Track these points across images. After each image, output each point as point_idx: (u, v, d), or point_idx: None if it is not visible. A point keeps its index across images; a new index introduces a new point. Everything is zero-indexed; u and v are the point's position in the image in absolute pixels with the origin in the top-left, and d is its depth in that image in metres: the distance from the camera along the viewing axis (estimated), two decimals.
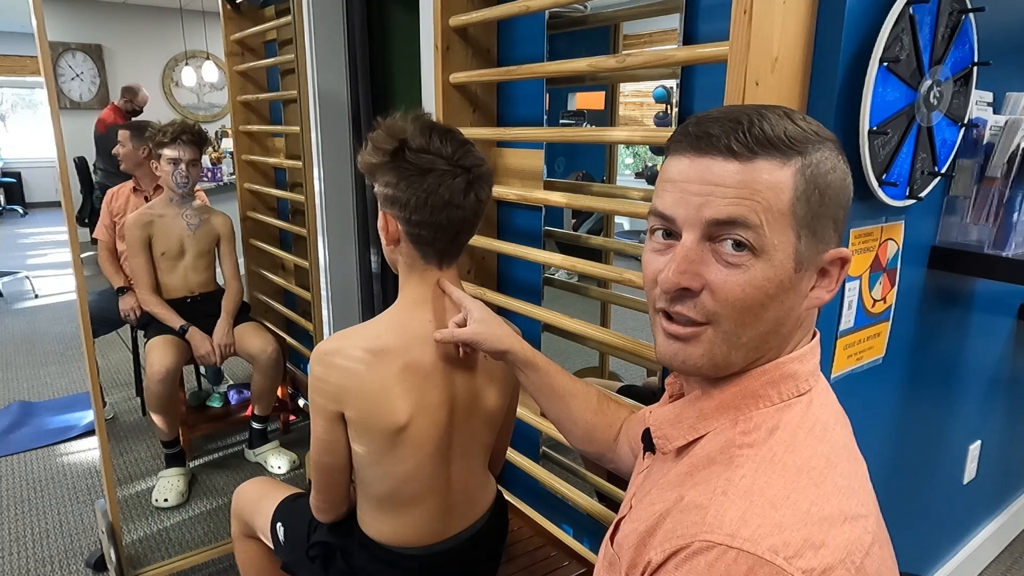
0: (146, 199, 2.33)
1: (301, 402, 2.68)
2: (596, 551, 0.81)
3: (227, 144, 2.86)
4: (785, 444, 0.59)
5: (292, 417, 2.68)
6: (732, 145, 0.57)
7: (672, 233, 0.62)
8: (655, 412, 0.70)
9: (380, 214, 1.03)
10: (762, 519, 0.53)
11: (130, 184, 2.38)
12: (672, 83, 1.30)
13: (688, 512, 0.57)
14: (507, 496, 1.50)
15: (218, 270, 2.34)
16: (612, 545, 0.71)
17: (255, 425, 2.43)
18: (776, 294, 0.59)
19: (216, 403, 2.63)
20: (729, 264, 0.58)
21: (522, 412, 1.55)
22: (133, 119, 2.74)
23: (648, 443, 0.74)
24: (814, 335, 0.68)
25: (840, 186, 0.61)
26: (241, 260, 2.41)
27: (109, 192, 2.39)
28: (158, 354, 2.12)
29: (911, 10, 1.06)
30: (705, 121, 0.60)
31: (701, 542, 0.53)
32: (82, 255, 1.60)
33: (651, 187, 1.00)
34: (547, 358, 1.01)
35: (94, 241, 2.42)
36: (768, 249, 0.57)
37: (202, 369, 2.73)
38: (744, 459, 0.58)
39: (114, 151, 2.32)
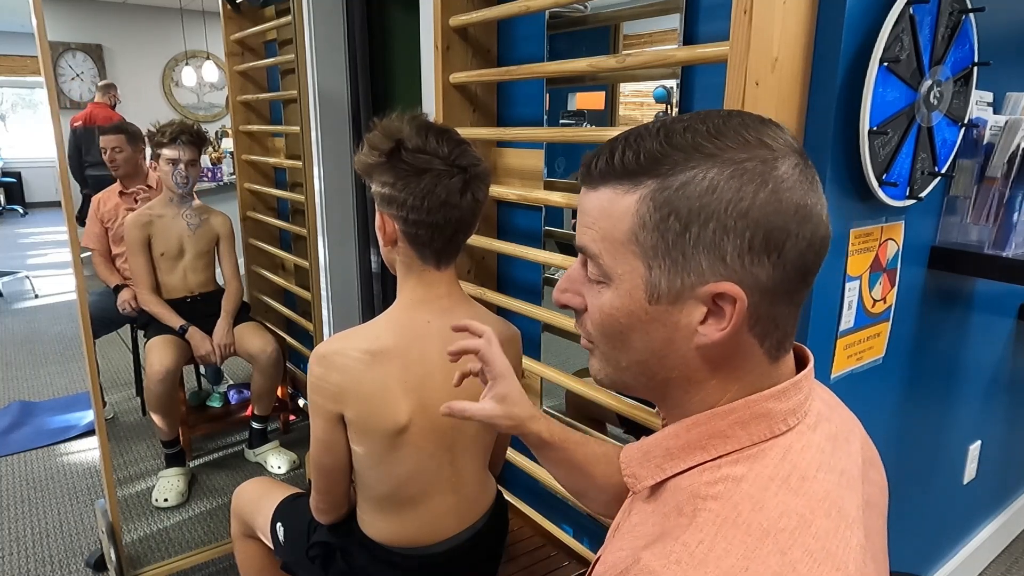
0: (136, 201, 2.32)
1: (301, 402, 2.68)
2: (596, 551, 0.81)
3: (227, 144, 2.86)
4: (752, 500, 0.52)
5: (292, 417, 2.69)
6: (585, 176, 0.57)
7: None
8: (625, 449, 0.66)
9: (377, 215, 1.03)
10: None
11: (115, 188, 2.36)
12: (672, 83, 1.30)
13: None
14: (507, 496, 1.50)
15: (218, 270, 2.34)
16: None
17: (255, 425, 2.43)
18: (630, 324, 0.56)
19: (216, 403, 2.63)
20: (593, 288, 0.59)
21: None
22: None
23: None
24: (805, 362, 0.61)
25: (724, 210, 0.51)
26: (241, 260, 2.41)
27: (95, 199, 2.37)
28: (158, 354, 2.12)
29: (911, 10, 1.06)
30: (595, 150, 0.59)
31: None
32: (82, 255, 1.60)
33: None
34: (565, 428, 0.94)
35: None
36: (614, 277, 0.56)
37: (202, 369, 2.73)
38: (705, 517, 0.53)
39: (107, 158, 2.31)
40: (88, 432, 2.76)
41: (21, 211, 7.97)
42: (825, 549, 0.51)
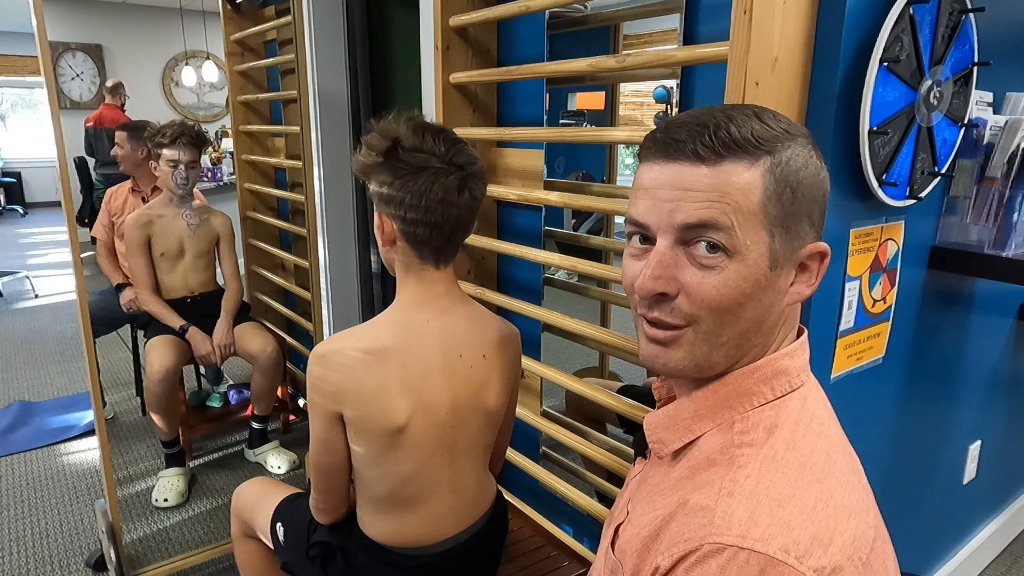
0: (143, 200, 2.33)
1: (301, 402, 2.68)
2: (596, 551, 0.81)
3: (227, 144, 2.87)
4: (785, 441, 0.59)
5: (292, 417, 2.69)
6: (698, 149, 0.58)
7: (648, 238, 0.63)
8: (648, 417, 0.70)
9: (375, 215, 1.03)
10: (771, 518, 0.53)
11: (128, 184, 2.38)
12: (672, 83, 1.30)
13: (694, 515, 0.56)
14: (507, 496, 1.50)
15: (218, 270, 2.34)
16: (614, 552, 0.69)
17: (255, 425, 2.43)
18: (753, 293, 0.60)
19: (216, 403, 2.63)
20: (703, 266, 0.59)
21: (522, 412, 1.55)
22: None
23: (640, 448, 0.74)
24: (801, 332, 0.68)
25: (813, 182, 0.61)
26: (241, 260, 2.41)
27: (108, 191, 2.40)
28: (158, 354, 2.11)
29: (911, 10, 1.06)
30: (672, 127, 0.61)
31: (711, 544, 0.53)
32: (82, 255, 1.60)
33: None
34: None
35: (93, 240, 2.43)
36: (741, 249, 0.58)
37: (202, 369, 2.73)
38: (746, 459, 0.58)
39: (112, 152, 2.33)
40: (88, 432, 2.76)
41: (21, 211, 7.97)
42: (850, 483, 0.59)
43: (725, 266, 0.59)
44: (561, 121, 1.64)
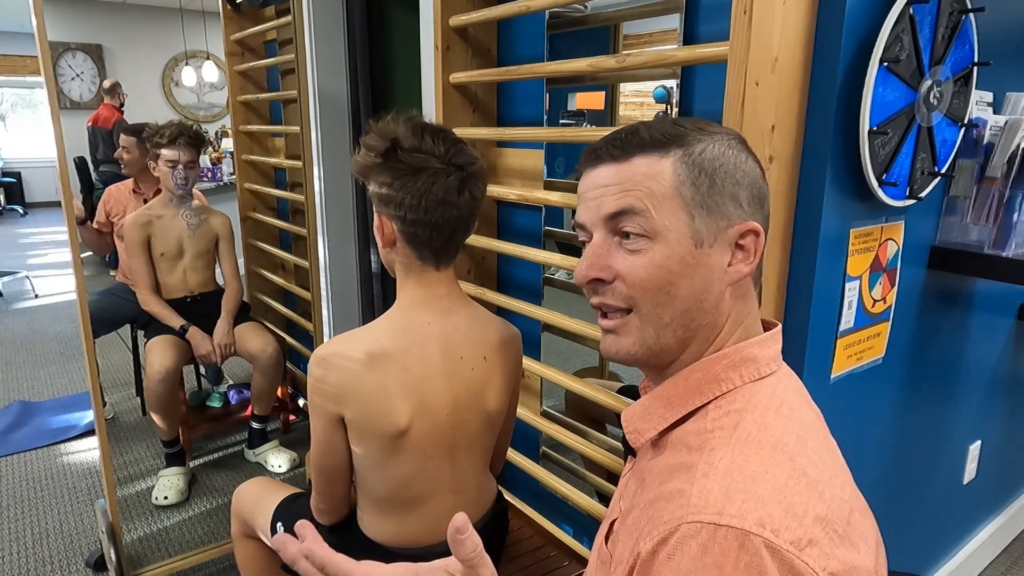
0: (144, 201, 2.33)
1: (301, 402, 2.68)
2: None
3: (227, 144, 2.87)
4: (756, 424, 0.61)
5: (292, 417, 2.69)
6: (611, 152, 0.67)
7: (590, 239, 0.70)
8: (625, 410, 0.72)
9: (375, 215, 1.03)
10: (745, 494, 0.55)
11: (129, 184, 2.38)
12: (672, 83, 1.30)
13: (671, 498, 0.58)
14: (507, 496, 1.50)
15: (218, 270, 2.34)
16: (607, 545, 0.71)
17: (255, 425, 2.43)
18: (681, 270, 0.64)
19: (216, 403, 2.63)
20: (631, 251, 0.65)
21: (522, 412, 1.55)
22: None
23: (629, 446, 0.75)
24: (774, 325, 0.71)
25: (733, 169, 0.66)
26: (241, 260, 2.41)
27: (107, 191, 2.40)
28: (158, 354, 2.12)
29: (911, 10, 1.06)
30: (596, 142, 0.69)
31: (689, 524, 0.54)
32: (82, 255, 1.60)
33: None
34: None
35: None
36: (661, 230, 0.64)
37: (202, 369, 2.73)
38: (718, 442, 0.61)
39: (117, 155, 2.33)
40: (88, 432, 2.76)
41: (21, 211, 7.97)
42: (823, 461, 0.61)
43: (649, 248, 0.65)
44: (561, 121, 1.64)
